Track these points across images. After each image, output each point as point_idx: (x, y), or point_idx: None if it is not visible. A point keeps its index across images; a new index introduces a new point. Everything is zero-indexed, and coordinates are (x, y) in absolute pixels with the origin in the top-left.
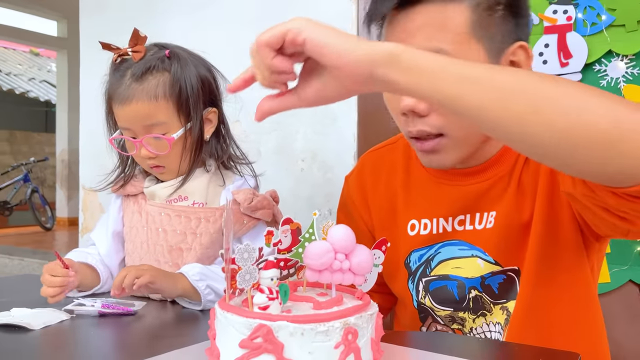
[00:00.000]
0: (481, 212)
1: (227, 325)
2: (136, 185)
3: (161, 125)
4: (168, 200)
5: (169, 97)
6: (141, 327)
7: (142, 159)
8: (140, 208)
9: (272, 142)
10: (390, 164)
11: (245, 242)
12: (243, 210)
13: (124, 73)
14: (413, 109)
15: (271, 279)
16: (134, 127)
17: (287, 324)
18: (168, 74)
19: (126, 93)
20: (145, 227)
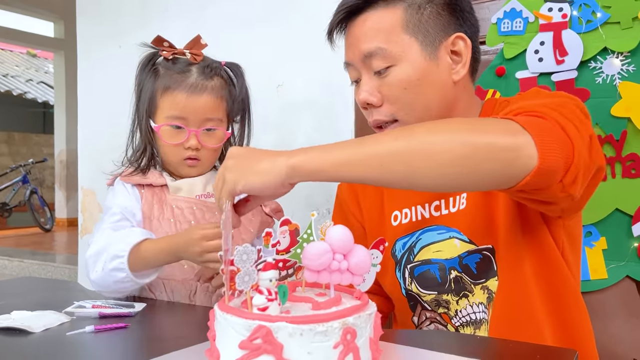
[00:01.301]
0: (453, 196)
1: (226, 326)
2: (158, 177)
3: (216, 122)
4: (197, 195)
5: (227, 99)
6: (141, 329)
7: (181, 150)
8: (161, 201)
9: (272, 142)
10: None
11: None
12: (268, 211)
13: (187, 68)
14: (367, 102)
15: (270, 280)
16: (194, 117)
17: (286, 325)
18: (224, 81)
19: (197, 85)
20: (172, 219)
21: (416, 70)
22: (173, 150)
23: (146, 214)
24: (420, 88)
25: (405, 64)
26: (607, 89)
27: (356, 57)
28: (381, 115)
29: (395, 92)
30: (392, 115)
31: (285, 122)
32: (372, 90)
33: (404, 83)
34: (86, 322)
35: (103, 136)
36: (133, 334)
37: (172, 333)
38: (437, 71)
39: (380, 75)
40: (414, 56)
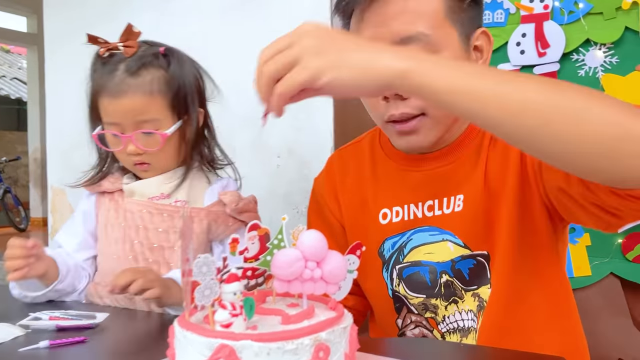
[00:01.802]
0: (448, 196)
1: (186, 345)
2: (114, 182)
3: (153, 122)
4: (150, 198)
5: (164, 94)
6: (100, 343)
7: (127, 156)
8: (117, 205)
9: (246, 138)
10: (357, 159)
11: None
12: (230, 212)
13: (115, 67)
14: (396, 92)
15: (234, 294)
16: (124, 122)
17: (251, 344)
18: (163, 71)
19: (119, 87)
20: (123, 224)
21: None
22: (120, 157)
23: (102, 221)
24: None
25: (446, 54)
26: (589, 81)
27: (386, 39)
28: (408, 108)
29: None
30: (422, 109)
31: (260, 117)
32: None
33: None
34: (42, 336)
35: (72, 133)
36: (91, 349)
37: (133, 347)
38: None
39: None
40: (454, 47)
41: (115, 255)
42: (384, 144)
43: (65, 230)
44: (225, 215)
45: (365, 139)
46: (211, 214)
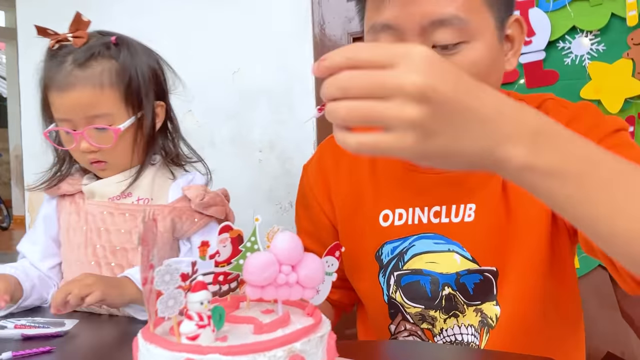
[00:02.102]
0: (458, 203)
1: (150, 359)
2: (73, 184)
3: (105, 117)
4: (110, 199)
5: (116, 86)
6: (70, 352)
7: (82, 154)
8: (78, 208)
9: (228, 133)
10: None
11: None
12: (195, 207)
13: (63, 59)
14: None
15: (201, 303)
16: (74, 117)
17: (219, 358)
18: (115, 62)
19: (67, 80)
20: (85, 228)
21: (490, 53)
22: (75, 155)
23: (63, 225)
24: (487, 77)
25: (480, 43)
26: (576, 70)
27: (414, 21)
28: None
29: None
30: None
31: (242, 111)
32: None
33: (475, 67)
34: (5, 346)
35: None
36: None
37: (102, 357)
38: (502, 58)
39: (445, 51)
40: (490, 35)
41: (78, 261)
42: None
43: (28, 238)
44: (191, 211)
45: None
46: (175, 211)
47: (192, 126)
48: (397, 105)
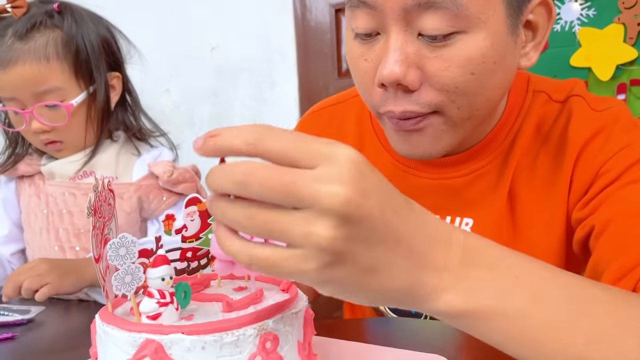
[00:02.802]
0: (453, 215)
1: (107, 341)
2: (31, 164)
3: (55, 92)
4: (71, 178)
5: (63, 58)
6: (33, 339)
7: (34, 135)
8: (38, 190)
9: (207, 111)
10: (338, 131)
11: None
12: (162, 184)
13: (3, 32)
14: (399, 82)
15: (162, 279)
16: (21, 95)
17: (182, 337)
18: (60, 31)
19: (8, 55)
20: (46, 210)
21: (495, 47)
22: (28, 137)
23: (24, 209)
24: (492, 75)
25: (481, 34)
26: (565, 37)
27: (395, 2)
28: (416, 105)
29: (456, 73)
30: (435, 106)
31: (221, 89)
32: (410, 62)
33: (474, 63)
34: None
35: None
36: (20, 347)
37: (66, 343)
38: (513, 52)
39: (433, 42)
40: (497, 24)
41: (42, 247)
42: (378, 126)
43: None
44: (159, 189)
45: (350, 102)
46: (142, 189)
47: (169, 106)
48: (307, 219)
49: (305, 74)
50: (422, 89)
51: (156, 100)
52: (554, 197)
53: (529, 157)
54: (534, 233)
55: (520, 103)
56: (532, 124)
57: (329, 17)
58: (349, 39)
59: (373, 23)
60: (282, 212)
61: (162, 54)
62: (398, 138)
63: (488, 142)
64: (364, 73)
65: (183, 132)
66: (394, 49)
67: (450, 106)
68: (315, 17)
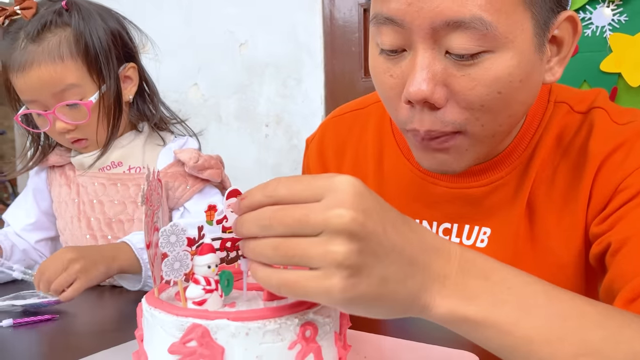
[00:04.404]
0: (472, 224)
1: (154, 324)
2: (62, 155)
3: (74, 90)
4: (100, 169)
5: (76, 56)
6: (72, 321)
7: (60, 135)
8: (68, 180)
9: (234, 107)
10: (358, 138)
11: (190, 208)
12: (189, 170)
13: (15, 35)
14: (427, 99)
15: (208, 267)
16: (41, 97)
17: (227, 323)
18: (70, 29)
19: (23, 58)
20: (77, 200)
21: (522, 65)
22: (54, 137)
23: (55, 198)
24: (517, 93)
25: (509, 54)
26: (596, 42)
27: (423, 18)
28: (439, 124)
29: (483, 92)
30: (460, 126)
31: (248, 85)
32: (437, 80)
33: (501, 82)
34: (6, 314)
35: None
36: (59, 328)
37: (106, 325)
38: (539, 69)
39: (461, 61)
40: (524, 42)
41: (73, 235)
42: (398, 133)
43: (17, 208)
44: (184, 176)
45: (371, 108)
46: (167, 176)
47: (197, 100)
48: (322, 242)
49: (332, 72)
50: (448, 106)
51: (184, 93)
52: (573, 210)
53: (548, 169)
54: (552, 244)
55: (541, 113)
56: (553, 135)
57: (357, 16)
58: (374, 53)
59: (400, 40)
60: (300, 239)
61: (192, 48)
62: (422, 154)
63: (508, 153)
64: (390, 89)
65: (210, 125)
66: (421, 67)
67: (475, 124)
68: (344, 16)
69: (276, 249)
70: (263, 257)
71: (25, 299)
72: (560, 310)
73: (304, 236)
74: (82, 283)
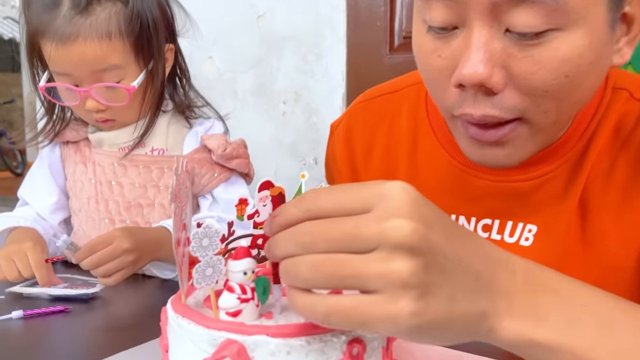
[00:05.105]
0: (515, 220)
1: (182, 336)
2: (77, 130)
3: (114, 71)
4: (121, 148)
5: (125, 35)
6: (85, 316)
7: (87, 112)
8: (84, 158)
9: (250, 82)
10: (390, 125)
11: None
12: (216, 159)
13: (58, 2)
14: (483, 83)
15: (244, 273)
16: (77, 72)
17: (266, 340)
18: (121, 5)
19: (67, 30)
20: (93, 180)
21: (593, 46)
22: (79, 112)
23: (70, 175)
24: (585, 78)
25: (580, 32)
26: None
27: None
28: (496, 109)
29: (547, 77)
30: (519, 112)
31: (265, 60)
32: (496, 61)
33: (569, 65)
34: (16, 303)
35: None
36: (73, 323)
37: (125, 321)
38: (609, 50)
39: (523, 40)
40: (597, 20)
41: (90, 218)
42: (435, 118)
43: (34, 184)
44: (211, 163)
45: (405, 91)
46: (194, 162)
47: (212, 74)
48: (380, 259)
49: (355, 48)
50: (506, 91)
51: (198, 67)
52: (634, 208)
53: (605, 162)
54: (608, 246)
55: (597, 101)
56: (610, 125)
57: None
58: (420, 31)
59: (452, 16)
60: (352, 257)
61: (207, 20)
62: (473, 147)
63: (561, 144)
64: (438, 71)
65: (226, 101)
66: (477, 46)
67: (536, 111)
68: None
69: (318, 269)
70: (300, 280)
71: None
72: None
73: (353, 253)
74: (128, 273)
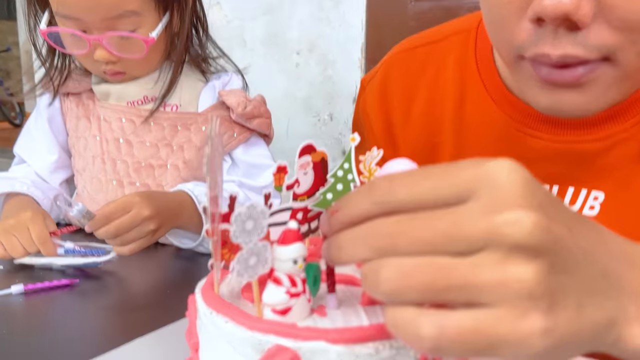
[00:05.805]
0: (578, 186)
1: (218, 337)
2: (79, 81)
3: (130, 18)
4: (129, 102)
5: None
6: (95, 289)
7: (94, 62)
8: (87, 112)
9: (261, 30)
10: (434, 78)
11: (238, 158)
12: (235, 118)
13: None
14: (568, 16)
15: (294, 262)
16: (87, 17)
17: (326, 347)
18: None
19: None
20: (99, 137)
21: None
22: (84, 61)
23: (72, 130)
24: None
25: None
26: None
27: None
28: (580, 48)
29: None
30: (607, 51)
31: (277, 6)
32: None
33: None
34: (16, 275)
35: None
36: (80, 301)
37: (138, 298)
38: None
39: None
40: None
41: (95, 179)
42: (486, 70)
43: (31, 141)
44: (229, 122)
45: (450, 40)
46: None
47: (220, 21)
48: (493, 262)
49: None
50: (593, 25)
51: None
52: None
53: None
54: None
55: None
56: None
57: None
58: None
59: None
60: (452, 262)
61: None
62: (544, 92)
63: (634, 100)
64: (507, 2)
65: (234, 50)
66: None
67: (628, 50)
68: None
69: (409, 278)
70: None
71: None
72: None
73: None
74: (146, 242)
